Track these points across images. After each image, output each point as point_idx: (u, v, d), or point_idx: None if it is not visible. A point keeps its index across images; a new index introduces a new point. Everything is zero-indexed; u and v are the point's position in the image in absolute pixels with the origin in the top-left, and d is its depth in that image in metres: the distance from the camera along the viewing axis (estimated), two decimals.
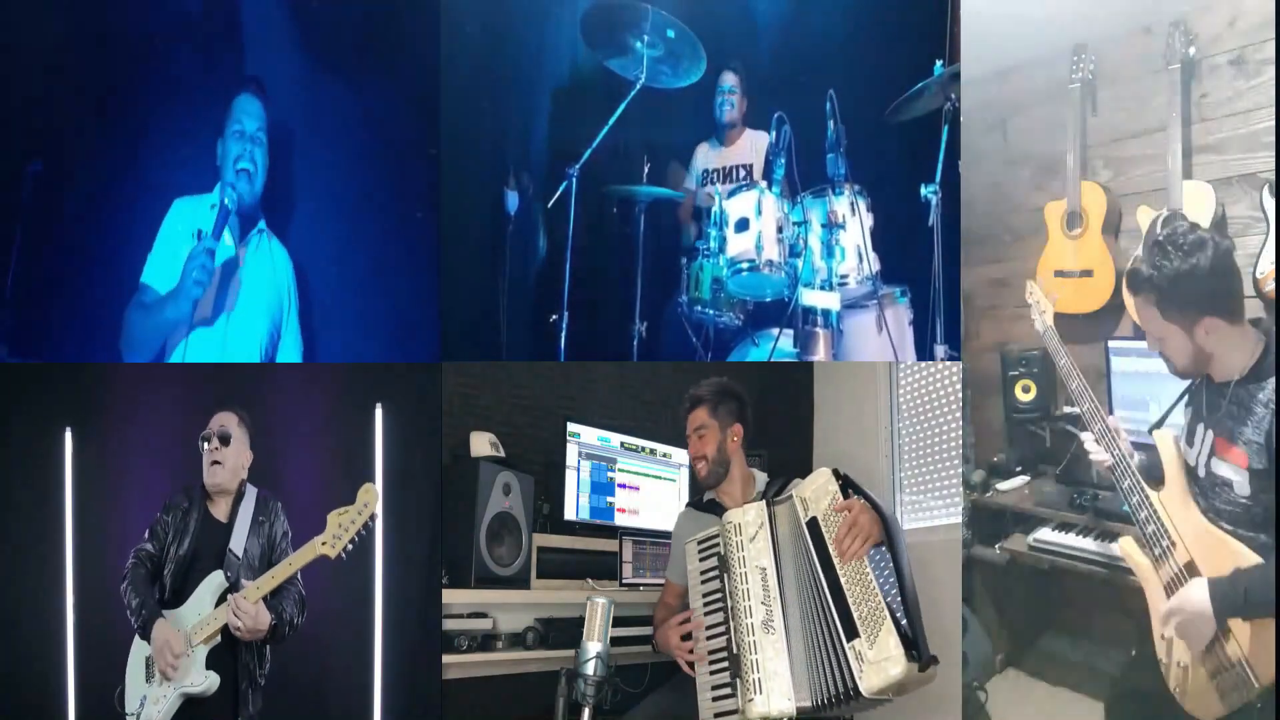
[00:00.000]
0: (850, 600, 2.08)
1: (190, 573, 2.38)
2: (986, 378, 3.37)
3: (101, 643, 2.74)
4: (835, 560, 2.13)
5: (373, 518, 2.33)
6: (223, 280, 2.80)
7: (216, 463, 2.45)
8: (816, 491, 2.24)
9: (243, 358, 2.84)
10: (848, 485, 2.25)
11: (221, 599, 2.34)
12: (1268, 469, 1.97)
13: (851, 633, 2.05)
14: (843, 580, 2.10)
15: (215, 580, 2.36)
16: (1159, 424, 2.25)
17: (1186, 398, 2.22)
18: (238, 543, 2.41)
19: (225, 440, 2.46)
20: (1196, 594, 1.96)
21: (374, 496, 2.32)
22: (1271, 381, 1.99)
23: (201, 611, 2.33)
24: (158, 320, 2.74)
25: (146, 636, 2.34)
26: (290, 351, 2.98)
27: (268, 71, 2.96)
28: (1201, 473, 2.10)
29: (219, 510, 2.47)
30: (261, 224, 2.92)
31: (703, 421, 2.58)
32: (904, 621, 2.02)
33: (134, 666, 2.39)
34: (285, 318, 2.97)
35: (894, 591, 2.06)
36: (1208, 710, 2.01)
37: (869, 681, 2.00)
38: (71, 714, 2.77)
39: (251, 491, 2.50)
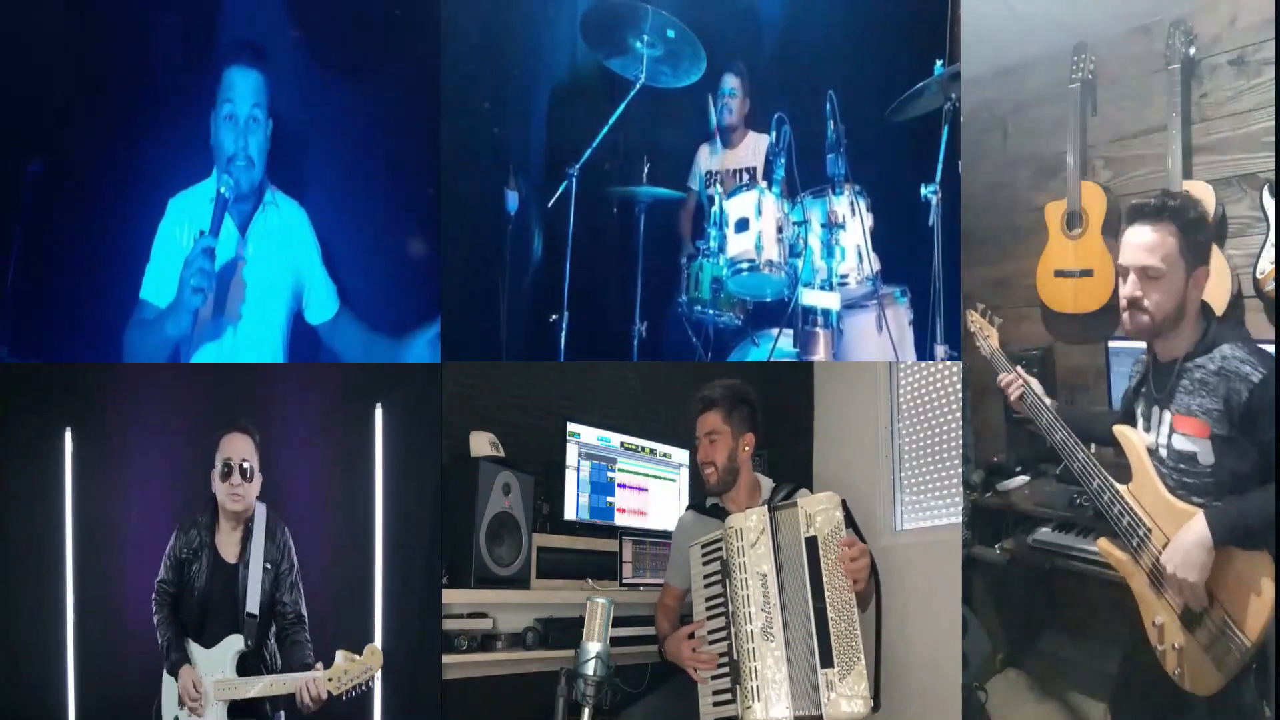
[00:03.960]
0: (832, 631, 2.13)
1: (206, 614, 2.42)
2: (987, 378, 3.35)
3: (101, 643, 2.75)
4: (826, 586, 2.16)
5: (374, 678, 2.39)
6: (227, 286, 2.74)
7: (238, 495, 2.44)
8: (824, 513, 2.23)
9: (258, 357, 2.82)
10: (851, 521, 2.27)
11: (240, 661, 2.38)
12: (1229, 435, 2.01)
13: (827, 661, 2.11)
14: (829, 609, 2.15)
15: (235, 646, 2.39)
16: (1117, 419, 2.28)
17: (1137, 387, 2.25)
18: (252, 601, 2.42)
19: (247, 474, 2.45)
20: (1195, 524, 1.99)
21: (378, 660, 2.37)
22: (1221, 350, 2.04)
23: (225, 670, 2.37)
24: (158, 338, 2.69)
25: (174, 675, 2.38)
26: (323, 304, 2.93)
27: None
28: (1164, 453, 2.13)
29: (227, 548, 2.46)
30: (267, 196, 2.84)
31: (715, 427, 2.52)
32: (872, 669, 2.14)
33: (170, 687, 2.41)
34: (309, 274, 2.89)
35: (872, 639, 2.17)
36: (1210, 684, 2.03)
37: (832, 711, 2.08)
38: (71, 714, 2.76)
39: (260, 520, 2.48)
